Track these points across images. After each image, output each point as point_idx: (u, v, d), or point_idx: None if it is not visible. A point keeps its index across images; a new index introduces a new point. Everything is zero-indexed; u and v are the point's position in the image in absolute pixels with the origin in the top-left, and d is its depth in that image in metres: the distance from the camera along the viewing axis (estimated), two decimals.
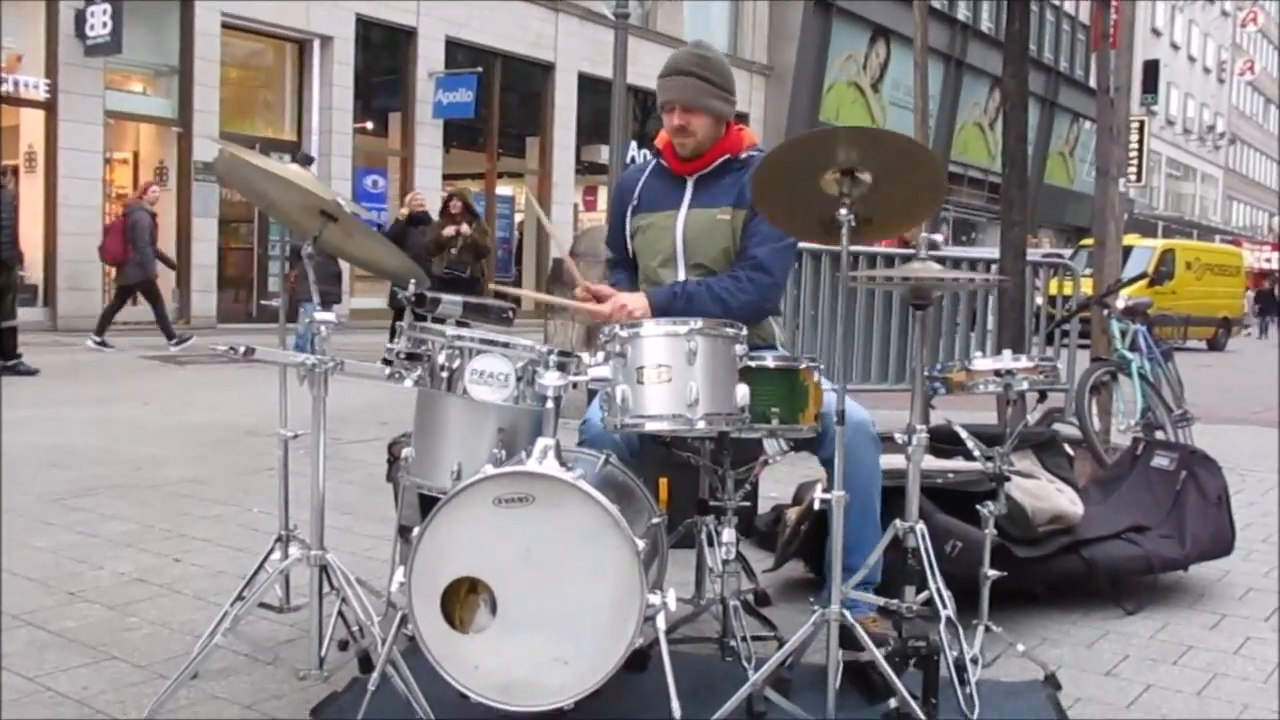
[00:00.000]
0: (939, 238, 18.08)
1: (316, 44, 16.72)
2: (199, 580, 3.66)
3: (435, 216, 11.30)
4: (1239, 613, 3.66)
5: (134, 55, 14.44)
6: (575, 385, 2.54)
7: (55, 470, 5.30)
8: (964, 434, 3.08)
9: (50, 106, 13.72)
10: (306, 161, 13.15)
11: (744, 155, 3.15)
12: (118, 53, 13.76)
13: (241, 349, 2.51)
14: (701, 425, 2.48)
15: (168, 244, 15.23)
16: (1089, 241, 9.92)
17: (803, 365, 2.63)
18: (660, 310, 2.96)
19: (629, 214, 3.24)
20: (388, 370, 2.57)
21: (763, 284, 3.06)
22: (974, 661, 2.74)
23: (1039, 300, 7.61)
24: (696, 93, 3.09)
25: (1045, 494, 3.61)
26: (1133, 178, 25.45)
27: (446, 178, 18.80)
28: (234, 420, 6.98)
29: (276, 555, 2.81)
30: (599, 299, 3.04)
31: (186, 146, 15.05)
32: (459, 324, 2.73)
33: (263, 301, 15.64)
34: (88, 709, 2.61)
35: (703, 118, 3.11)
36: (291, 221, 2.79)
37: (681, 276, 3.13)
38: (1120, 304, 6.81)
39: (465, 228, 10.38)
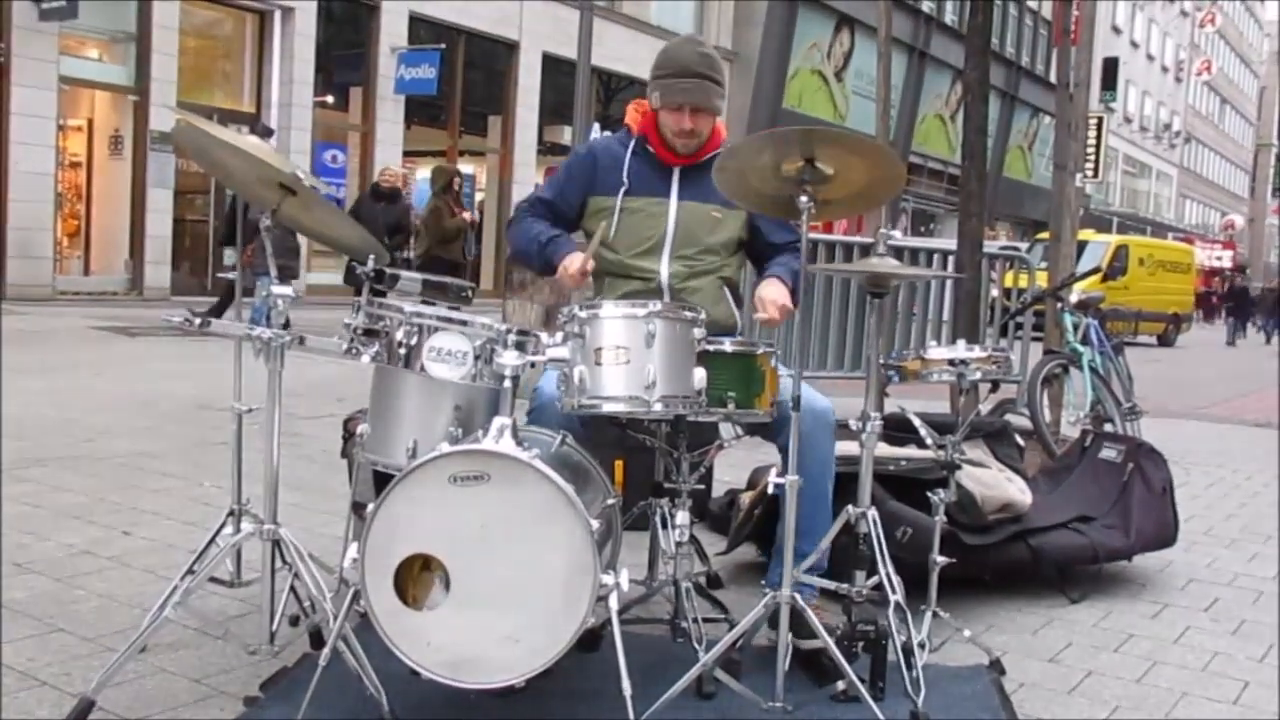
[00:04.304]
0: (897, 233, 18.18)
1: (278, 15, 16.50)
2: (148, 554, 3.62)
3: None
4: (1179, 603, 3.74)
5: (90, 21, 14.18)
6: (533, 365, 2.54)
7: (3, 440, 5.22)
8: (917, 422, 3.12)
9: (2, 71, 13.44)
10: (266, 133, 12.97)
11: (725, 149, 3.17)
12: (73, 18, 13.50)
13: (197, 320, 2.49)
14: (658, 408, 2.49)
15: (121, 214, 15.06)
16: (1045, 235, 10.02)
17: (760, 351, 2.65)
18: (794, 290, 3.08)
19: (620, 194, 3.16)
20: (345, 345, 2.55)
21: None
22: (921, 646, 2.77)
23: (994, 292, 7.69)
24: (709, 95, 3.10)
25: (995, 483, 3.66)
26: (1089, 173, 25.79)
27: (407, 154, 18.67)
28: (187, 393, 6.91)
29: (228, 529, 2.79)
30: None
31: (143, 115, 14.81)
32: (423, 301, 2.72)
33: (218, 274, 15.45)
34: (33, 680, 2.59)
35: (709, 119, 3.13)
36: (250, 194, 2.76)
37: (666, 265, 3.13)
38: (1074, 298, 6.90)
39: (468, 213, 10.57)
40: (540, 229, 3.20)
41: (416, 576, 2.30)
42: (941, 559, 2.99)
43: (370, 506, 2.31)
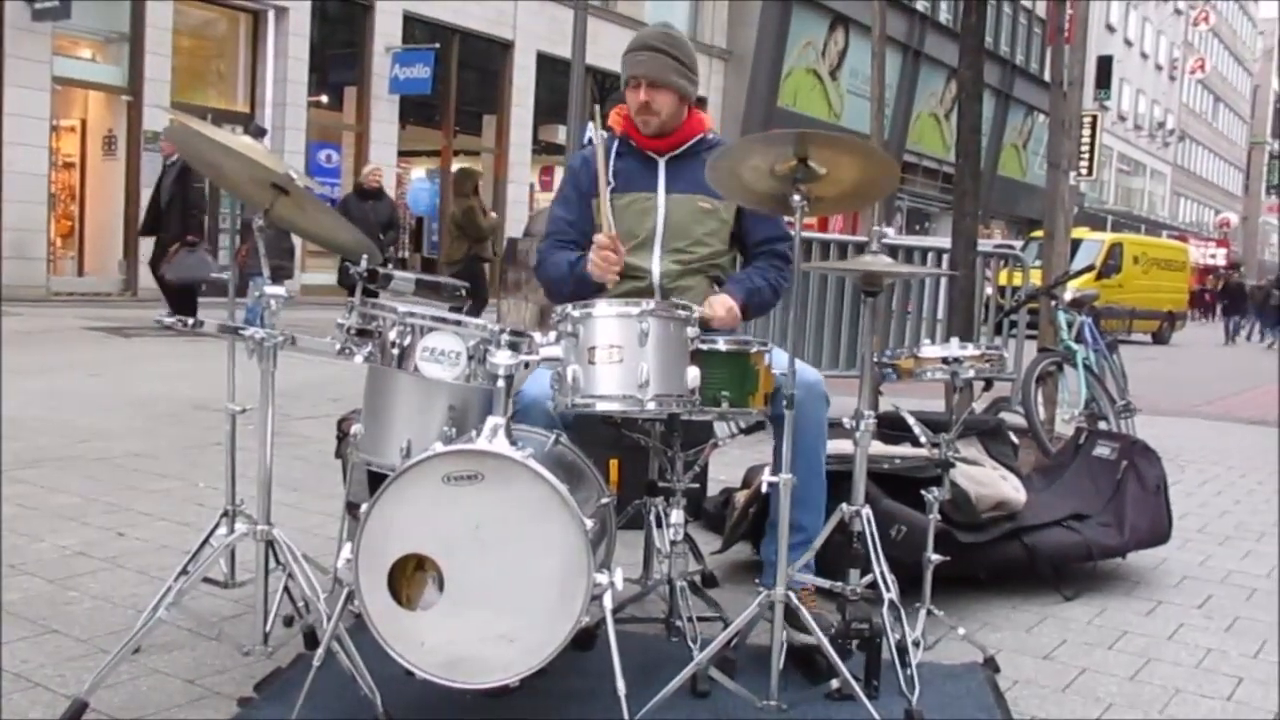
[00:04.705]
0: (891, 231, 18.21)
1: (271, 15, 16.47)
2: (143, 555, 3.62)
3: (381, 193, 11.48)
4: (1173, 600, 3.75)
5: (83, 21, 14.15)
6: (527, 365, 2.54)
7: (1, 441, 5.22)
8: (911, 420, 3.12)
9: None
10: (259, 133, 12.98)
11: (712, 138, 3.18)
12: (66, 18, 13.47)
13: (189, 321, 2.48)
14: (652, 406, 2.49)
15: (115, 214, 15.02)
16: (1039, 233, 10.03)
17: (753, 349, 2.65)
18: (747, 306, 3.12)
19: (608, 194, 3.14)
20: (338, 346, 2.55)
21: (789, 274, 3.19)
22: (915, 644, 2.78)
23: (989, 290, 7.69)
24: (663, 69, 3.08)
25: (989, 481, 3.67)
26: (1084, 171, 25.83)
27: (402, 154, 18.68)
28: (182, 394, 6.90)
29: (222, 530, 2.78)
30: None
31: (136, 115, 14.78)
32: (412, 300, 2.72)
33: (212, 275, 15.40)
34: (27, 682, 2.58)
35: (667, 95, 3.10)
36: (243, 194, 2.76)
37: (658, 260, 3.12)
38: (1068, 296, 6.91)
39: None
40: (562, 258, 3.18)
41: (411, 576, 2.30)
42: (936, 557, 2.99)
43: (364, 507, 2.30)
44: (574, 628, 2.26)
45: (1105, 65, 30.92)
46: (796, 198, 2.53)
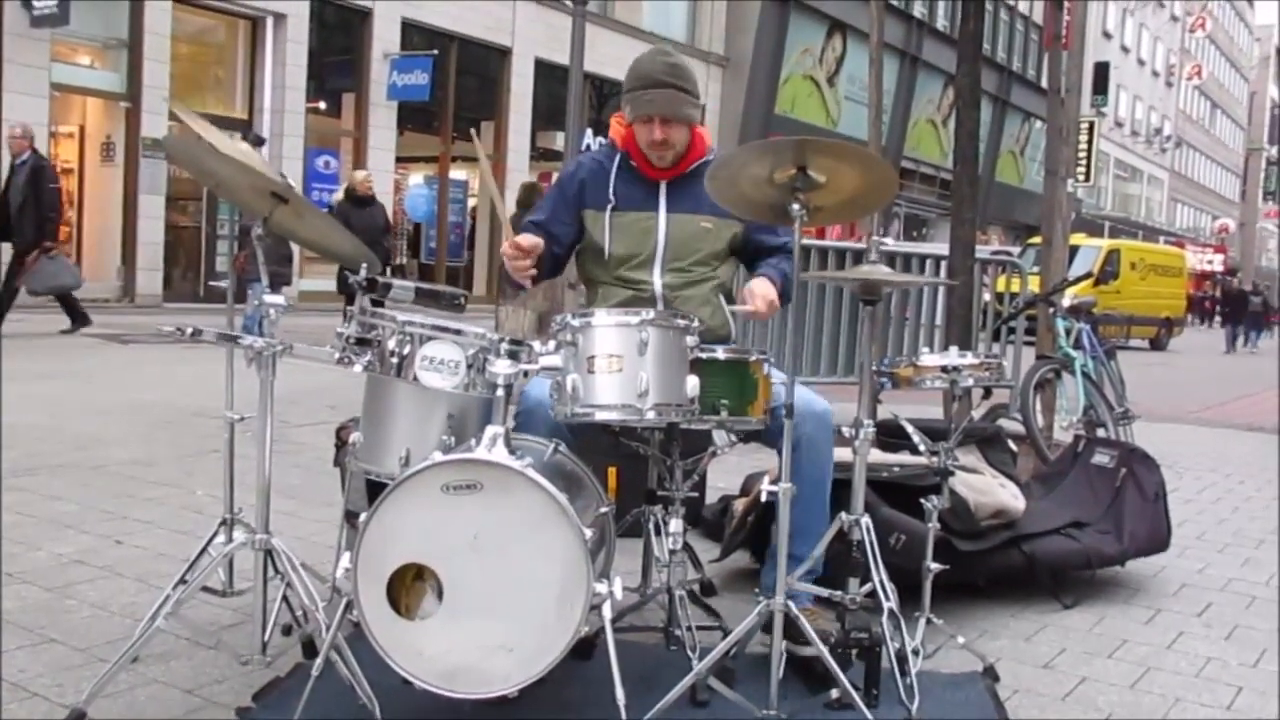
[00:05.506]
0: (889, 239, 18.22)
1: (270, 21, 16.49)
2: (141, 563, 3.61)
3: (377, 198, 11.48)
4: (1173, 608, 3.74)
5: (82, 27, 14.17)
6: (526, 374, 2.54)
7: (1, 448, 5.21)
8: (910, 428, 3.12)
9: None
10: (257, 142, 12.98)
11: (710, 157, 3.15)
12: (65, 24, 13.49)
13: (189, 330, 2.48)
14: (651, 416, 2.49)
15: (113, 221, 15.01)
16: (1037, 240, 10.04)
17: (753, 358, 2.65)
18: (784, 293, 3.09)
19: (608, 210, 3.14)
20: (337, 354, 2.55)
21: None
22: (915, 653, 2.78)
23: (987, 297, 7.70)
24: (679, 104, 3.07)
25: (988, 489, 3.66)
26: (1081, 178, 25.85)
27: (400, 160, 18.68)
28: (180, 401, 6.90)
29: (220, 538, 2.78)
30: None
31: (135, 122, 14.79)
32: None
33: (211, 282, 15.41)
34: (24, 692, 2.57)
35: (681, 129, 3.11)
36: (242, 202, 2.76)
37: (659, 276, 3.12)
38: (1066, 302, 6.91)
39: None
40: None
41: (409, 586, 2.29)
42: (935, 565, 2.99)
43: (363, 516, 2.30)
44: (573, 637, 2.26)
45: (1102, 71, 30.91)
46: (796, 206, 2.53)
